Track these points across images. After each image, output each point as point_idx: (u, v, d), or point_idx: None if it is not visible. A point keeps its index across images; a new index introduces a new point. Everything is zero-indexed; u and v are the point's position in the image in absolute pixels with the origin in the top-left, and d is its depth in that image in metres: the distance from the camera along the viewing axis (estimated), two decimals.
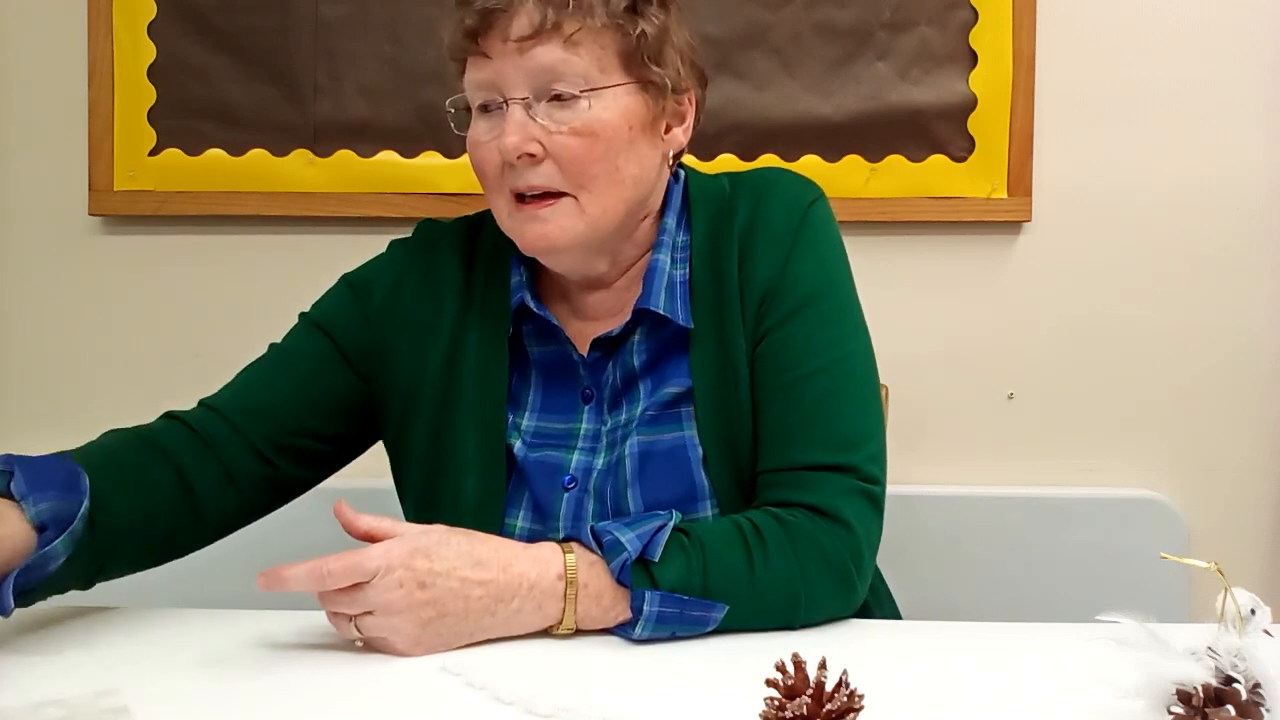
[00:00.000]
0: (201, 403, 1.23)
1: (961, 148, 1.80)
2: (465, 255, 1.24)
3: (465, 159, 1.78)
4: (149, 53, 1.80)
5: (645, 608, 1.00)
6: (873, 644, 1.04)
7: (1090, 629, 0.81)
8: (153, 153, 1.81)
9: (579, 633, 1.03)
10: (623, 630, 1.02)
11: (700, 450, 1.14)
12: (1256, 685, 0.75)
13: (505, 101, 1.11)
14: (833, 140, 1.79)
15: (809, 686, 0.75)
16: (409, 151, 1.81)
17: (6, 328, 1.86)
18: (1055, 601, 1.74)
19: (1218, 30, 1.80)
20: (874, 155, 1.80)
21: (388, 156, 1.81)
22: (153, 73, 1.81)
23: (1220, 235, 1.82)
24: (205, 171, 1.81)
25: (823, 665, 0.76)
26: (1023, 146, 1.79)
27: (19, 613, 1.11)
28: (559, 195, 1.11)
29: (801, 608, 1.06)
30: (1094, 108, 1.81)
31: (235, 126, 1.81)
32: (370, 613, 0.96)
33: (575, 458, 1.16)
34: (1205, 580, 0.80)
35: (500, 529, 1.15)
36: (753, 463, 1.14)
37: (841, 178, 1.78)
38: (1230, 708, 0.74)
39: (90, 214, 1.82)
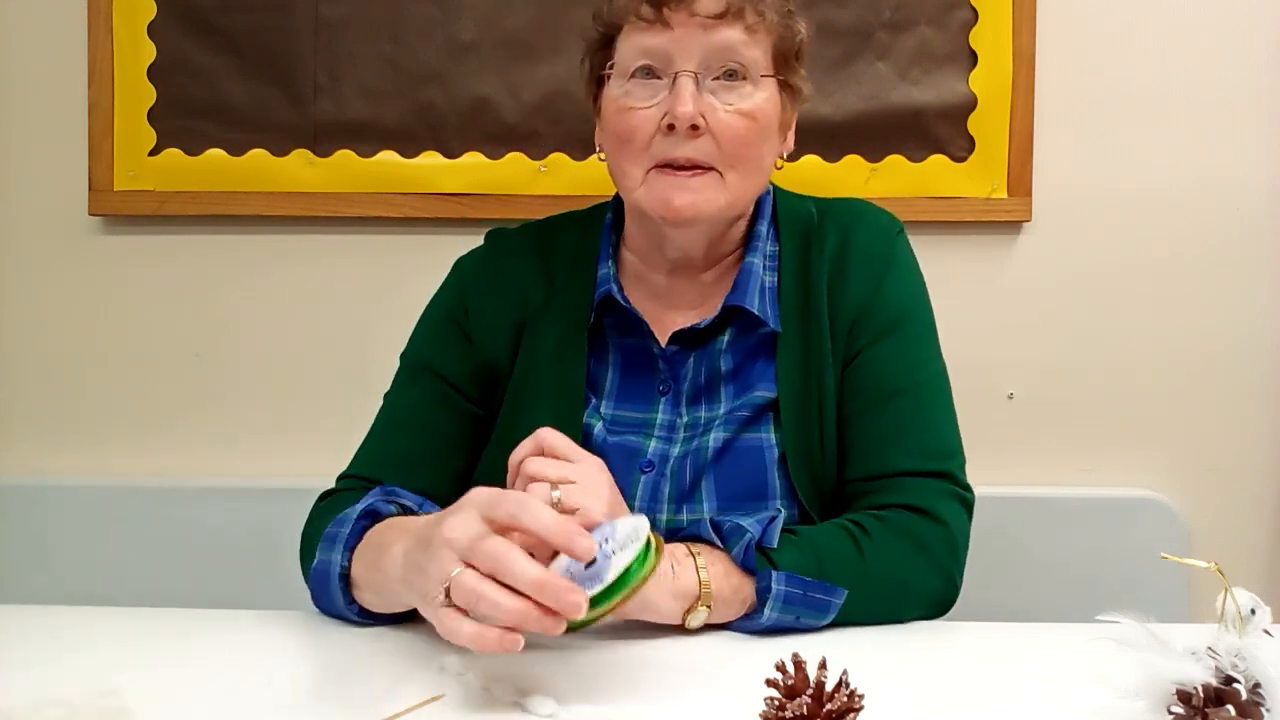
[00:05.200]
0: (348, 476, 1.25)
1: (961, 148, 1.80)
2: (540, 256, 1.29)
3: (466, 159, 1.80)
4: (149, 53, 1.80)
5: (774, 586, 1.03)
6: (873, 644, 1.05)
7: (1090, 629, 0.81)
8: (153, 153, 1.81)
9: (587, 634, 1.02)
10: (747, 621, 1.04)
11: (778, 453, 1.18)
12: (1256, 685, 0.75)
13: (676, 73, 1.14)
14: (833, 140, 1.79)
15: (809, 686, 0.75)
16: (409, 151, 1.81)
17: (6, 327, 1.86)
18: (1055, 601, 1.74)
19: (1218, 30, 1.80)
20: (874, 155, 1.80)
21: (388, 156, 1.81)
22: (153, 73, 1.80)
23: (1220, 235, 1.82)
24: (205, 171, 1.81)
25: (823, 665, 0.76)
26: (1023, 146, 1.79)
27: (21, 612, 1.11)
28: (706, 169, 1.16)
29: (909, 599, 1.10)
30: (1094, 108, 1.81)
31: (235, 126, 1.81)
32: (573, 483, 0.99)
33: (653, 444, 1.20)
34: (1205, 580, 0.80)
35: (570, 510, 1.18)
36: (828, 469, 1.19)
37: (841, 178, 1.78)
38: (1230, 708, 0.74)
39: (90, 214, 1.82)
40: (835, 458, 1.20)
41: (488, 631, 0.83)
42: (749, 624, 1.05)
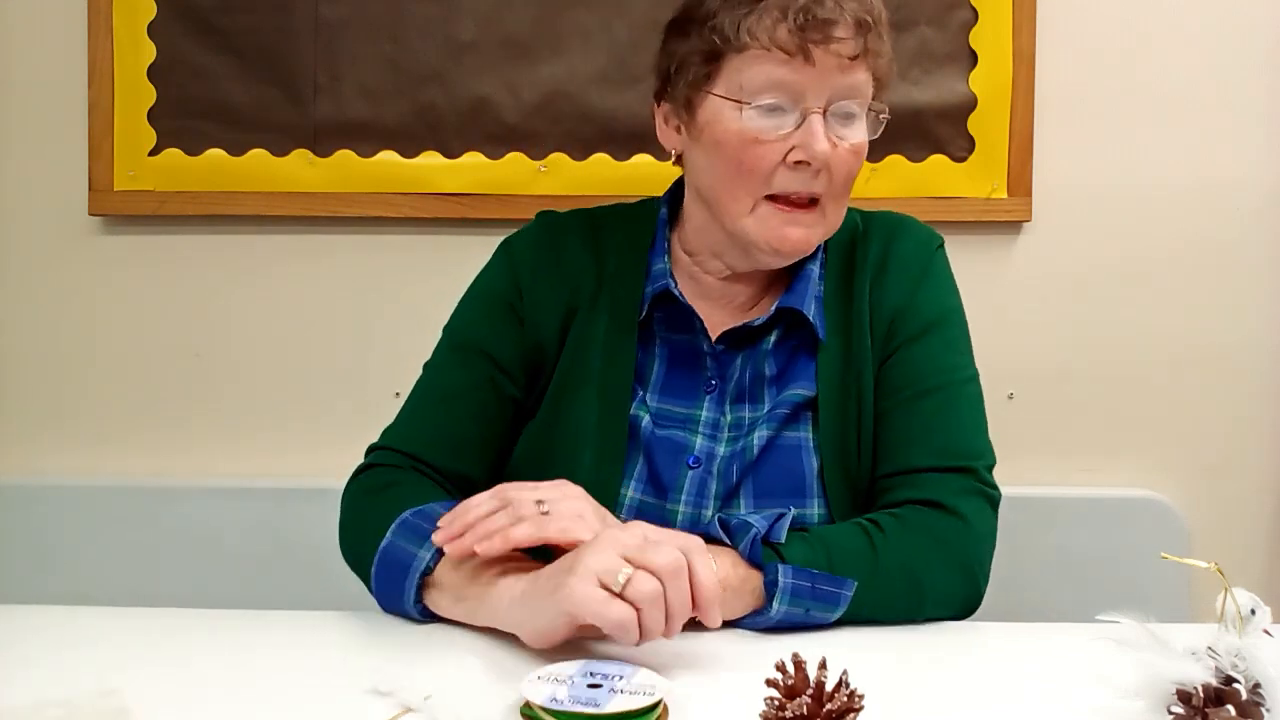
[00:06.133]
0: (385, 449, 1.24)
1: (961, 148, 1.80)
2: (593, 243, 1.28)
3: (466, 159, 1.80)
4: (149, 53, 1.80)
5: (780, 580, 1.04)
6: (873, 644, 1.05)
7: (1090, 629, 0.81)
8: (153, 153, 1.81)
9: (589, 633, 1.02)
10: (757, 617, 1.05)
11: (815, 452, 1.20)
12: (1256, 685, 0.75)
13: (807, 110, 1.14)
14: None
15: (809, 686, 0.75)
16: (409, 151, 1.81)
17: (6, 327, 1.85)
18: (1055, 601, 1.74)
19: (1218, 30, 1.80)
20: (874, 155, 1.78)
21: (388, 156, 1.81)
22: (153, 73, 1.80)
23: (1220, 235, 1.82)
24: (205, 171, 1.81)
25: (823, 665, 0.76)
26: (1023, 146, 1.79)
27: (21, 612, 1.11)
28: (815, 202, 1.17)
29: (927, 596, 1.10)
30: (1094, 108, 1.81)
31: (235, 126, 1.80)
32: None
33: (699, 441, 1.21)
34: (1205, 580, 0.80)
35: (615, 500, 1.19)
36: (864, 468, 1.20)
37: None
38: (1230, 708, 0.74)
39: (90, 214, 1.82)
40: (870, 459, 1.20)
41: (632, 621, 0.91)
42: (759, 620, 1.05)
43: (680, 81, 1.19)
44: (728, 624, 1.04)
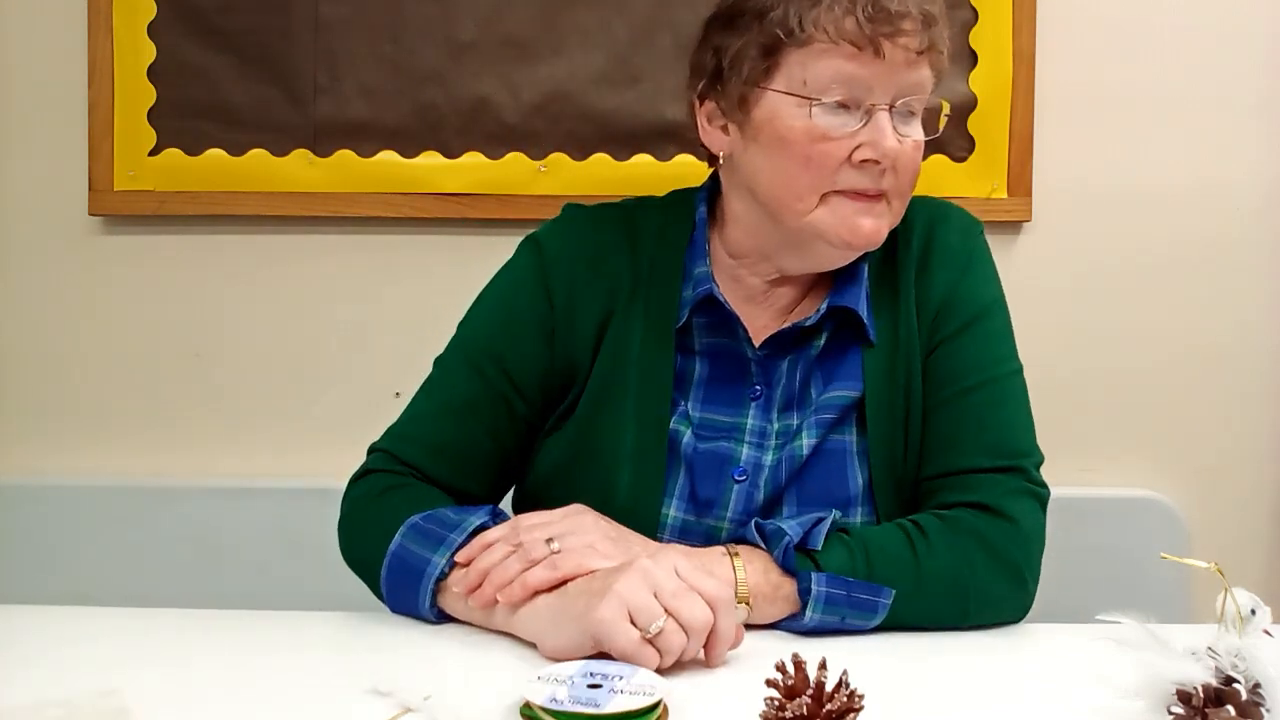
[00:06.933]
0: (385, 453, 1.21)
1: (961, 148, 1.80)
2: (629, 241, 1.23)
3: (466, 159, 1.80)
4: (149, 53, 1.80)
5: (813, 588, 1.03)
6: (873, 644, 1.04)
7: (1090, 629, 0.81)
8: (153, 153, 1.81)
9: None
10: (792, 622, 1.05)
11: (860, 459, 1.17)
12: (1256, 685, 0.75)
13: (873, 106, 1.11)
14: None
15: (809, 686, 0.75)
16: (409, 151, 1.81)
17: (6, 327, 1.85)
18: (1055, 601, 1.74)
19: (1217, 30, 1.80)
20: None
21: (388, 156, 1.81)
22: (153, 73, 1.80)
23: (1220, 235, 1.82)
24: (205, 171, 1.81)
25: (823, 665, 0.76)
26: (1023, 146, 1.79)
27: (21, 612, 1.11)
28: (881, 196, 1.14)
29: (972, 601, 1.07)
30: (1094, 108, 1.81)
31: (235, 126, 1.80)
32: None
33: (745, 451, 1.17)
34: (1205, 580, 0.80)
35: (656, 521, 1.16)
36: (910, 470, 1.17)
37: None
38: (1230, 708, 0.74)
39: (90, 214, 1.82)
40: (917, 461, 1.17)
41: (654, 665, 0.92)
42: (794, 625, 1.04)
43: (733, 78, 1.14)
44: (759, 626, 1.04)
